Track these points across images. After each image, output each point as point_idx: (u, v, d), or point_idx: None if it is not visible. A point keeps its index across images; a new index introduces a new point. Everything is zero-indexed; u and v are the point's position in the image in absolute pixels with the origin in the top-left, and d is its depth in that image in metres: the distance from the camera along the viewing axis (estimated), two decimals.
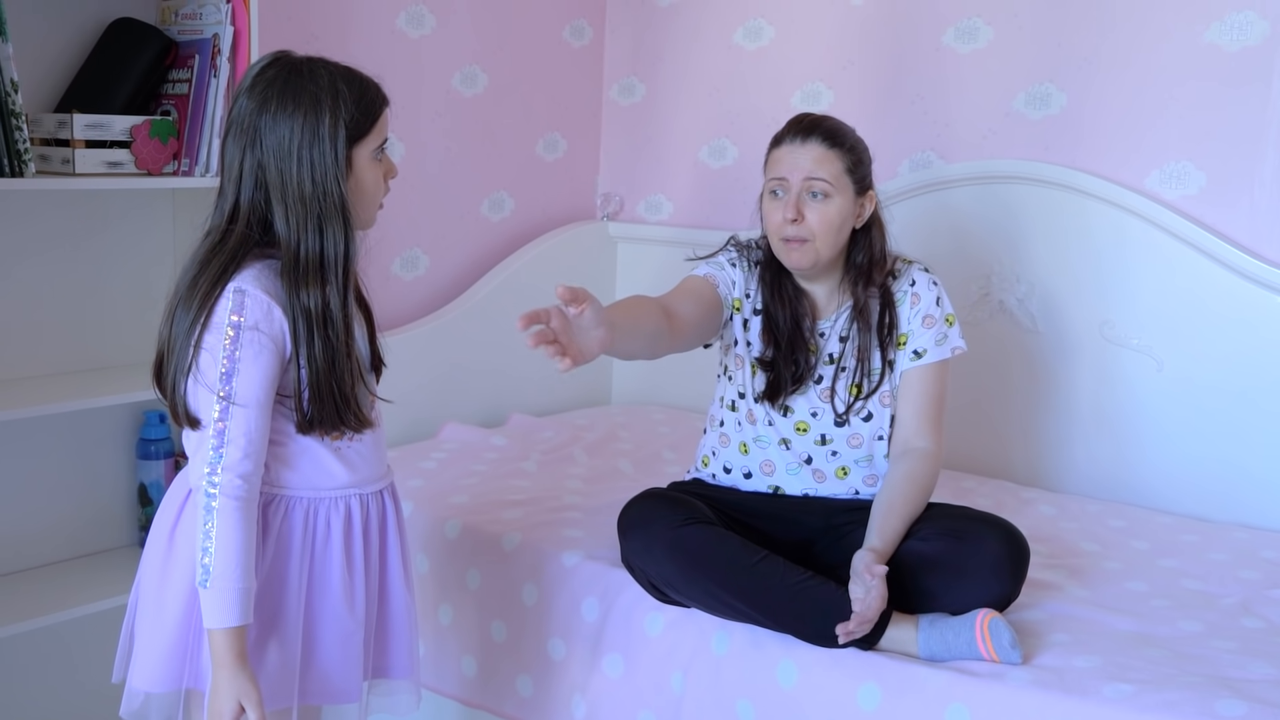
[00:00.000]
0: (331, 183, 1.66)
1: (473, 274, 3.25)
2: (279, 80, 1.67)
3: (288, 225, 1.67)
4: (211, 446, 1.64)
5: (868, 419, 2.23)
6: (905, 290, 2.25)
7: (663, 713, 2.13)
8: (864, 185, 2.21)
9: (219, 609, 1.64)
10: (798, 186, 2.17)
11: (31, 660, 2.51)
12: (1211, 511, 2.68)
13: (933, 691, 1.89)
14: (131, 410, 2.58)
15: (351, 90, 1.69)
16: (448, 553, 2.43)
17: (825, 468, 2.25)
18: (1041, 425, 2.90)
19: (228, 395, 1.64)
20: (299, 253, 1.66)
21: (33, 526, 2.48)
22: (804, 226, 2.16)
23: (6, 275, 2.39)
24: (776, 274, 2.26)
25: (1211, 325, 2.67)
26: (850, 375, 2.23)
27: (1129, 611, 2.12)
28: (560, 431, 3.07)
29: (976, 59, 2.94)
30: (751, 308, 2.28)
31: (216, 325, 1.65)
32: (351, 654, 1.79)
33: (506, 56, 3.24)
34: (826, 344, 2.25)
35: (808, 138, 2.18)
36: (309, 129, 1.65)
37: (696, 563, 2.06)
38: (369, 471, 1.81)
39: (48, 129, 2.30)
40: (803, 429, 2.24)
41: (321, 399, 1.69)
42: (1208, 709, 1.75)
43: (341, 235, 1.68)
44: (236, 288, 1.65)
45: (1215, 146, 2.67)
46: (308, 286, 1.66)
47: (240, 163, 1.68)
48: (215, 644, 1.65)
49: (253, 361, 1.65)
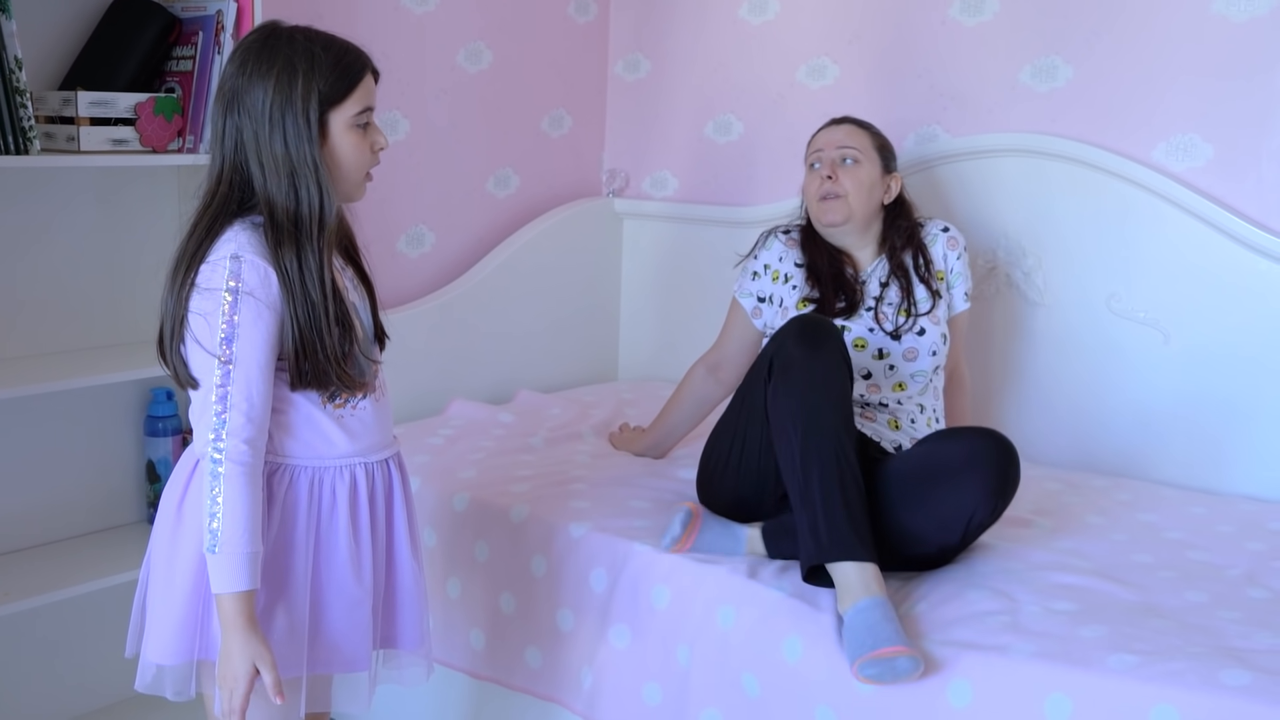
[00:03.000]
0: (304, 145, 1.68)
1: (478, 251, 3.25)
2: (256, 45, 1.70)
3: (265, 185, 1.69)
4: (215, 413, 1.65)
5: (921, 333, 2.44)
6: (936, 234, 2.54)
7: (669, 685, 2.14)
8: (889, 166, 2.53)
9: (228, 574, 1.65)
10: (832, 155, 2.49)
11: (44, 635, 2.53)
12: (1218, 484, 2.68)
13: (934, 669, 1.90)
14: (139, 387, 2.59)
15: (328, 54, 1.71)
16: (456, 526, 2.44)
17: (882, 383, 2.41)
18: (1047, 398, 2.89)
19: (228, 360, 1.65)
20: (275, 212, 1.68)
21: (42, 503, 2.50)
22: (838, 184, 2.46)
23: (13, 254, 2.40)
24: (815, 238, 2.54)
25: (1218, 298, 2.66)
26: (896, 305, 2.45)
27: (1135, 583, 2.12)
28: (567, 408, 3.07)
29: (982, 32, 2.93)
30: (793, 262, 2.52)
31: (211, 290, 1.66)
32: (359, 622, 1.80)
33: (511, 33, 3.24)
34: (868, 287, 2.49)
35: (841, 122, 2.57)
36: (281, 92, 1.67)
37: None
38: (372, 440, 1.82)
39: (52, 107, 2.30)
40: (861, 345, 2.42)
41: (305, 356, 1.70)
42: (1212, 679, 1.75)
43: (316, 196, 1.69)
44: (233, 254, 1.66)
45: (1222, 119, 2.66)
46: (285, 246, 1.68)
47: (223, 126, 1.71)
48: (225, 609, 1.66)
49: (252, 326, 1.66)
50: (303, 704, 1.77)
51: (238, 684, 1.66)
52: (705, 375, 2.61)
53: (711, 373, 2.61)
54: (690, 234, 3.36)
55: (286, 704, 1.73)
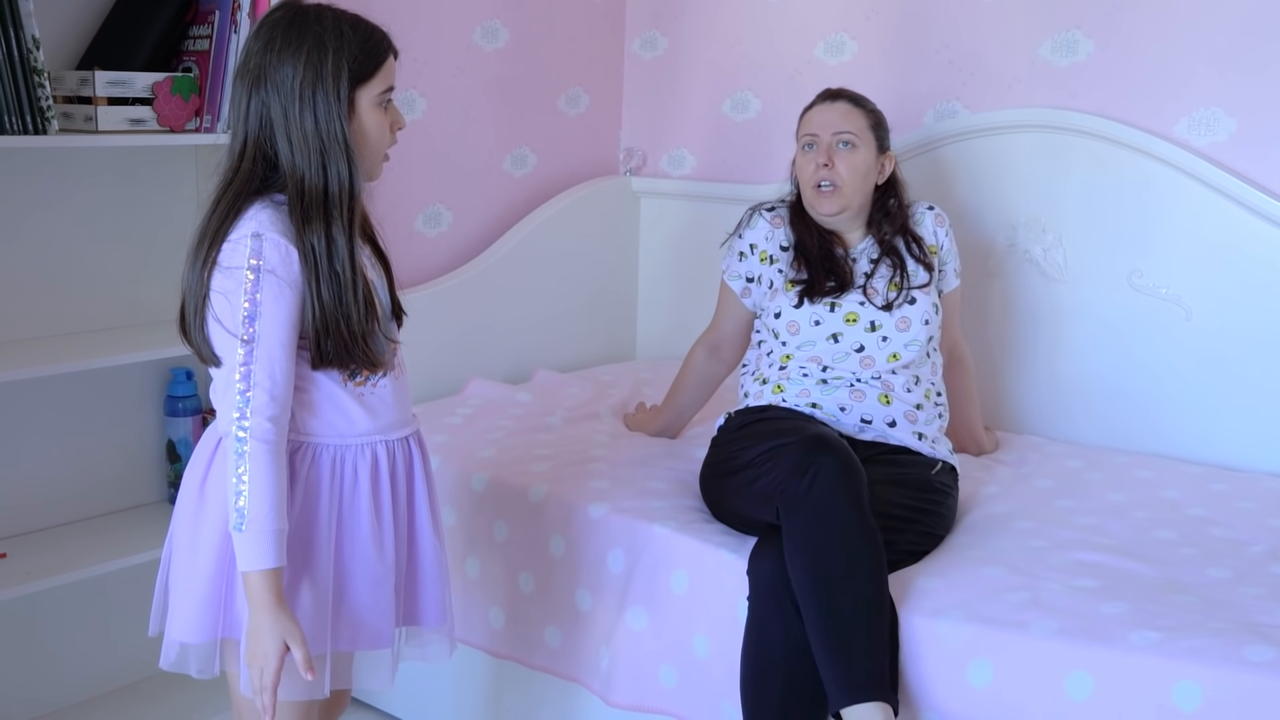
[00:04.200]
0: (334, 121, 1.68)
1: (496, 230, 3.25)
2: (284, 21, 1.70)
3: (292, 162, 1.68)
4: (238, 391, 1.65)
5: (913, 303, 2.41)
6: (923, 213, 2.52)
7: (685, 668, 2.14)
8: (883, 145, 2.48)
9: (255, 551, 1.65)
10: (828, 139, 2.43)
11: (65, 614, 2.55)
12: (1240, 460, 2.66)
13: (955, 648, 1.89)
14: (159, 367, 2.60)
15: (356, 33, 1.71)
16: (474, 505, 2.45)
17: (876, 355, 2.37)
18: (1068, 376, 2.88)
19: (250, 339, 1.65)
20: (304, 189, 1.68)
21: (63, 483, 2.51)
22: (834, 172, 2.41)
23: (31, 234, 2.40)
24: (803, 217, 2.49)
25: (1241, 273, 2.64)
26: (888, 279, 2.43)
27: (1156, 559, 2.11)
28: (585, 387, 3.07)
29: (1002, 6, 2.90)
30: (779, 244, 2.49)
31: (232, 269, 1.66)
32: (383, 599, 1.80)
33: (527, 11, 3.22)
34: (858, 265, 2.46)
35: (836, 99, 2.48)
36: (311, 68, 1.67)
37: None
38: (392, 418, 1.82)
39: (70, 86, 2.30)
40: (852, 319, 2.39)
41: (329, 335, 1.70)
42: (1235, 655, 1.74)
43: (346, 172, 1.69)
44: (254, 232, 1.66)
45: (1245, 92, 2.63)
46: (312, 223, 1.67)
47: (246, 103, 1.70)
48: (253, 587, 1.66)
49: (274, 304, 1.65)
50: (328, 681, 1.77)
51: (268, 661, 1.66)
52: (707, 356, 2.62)
53: (712, 353, 2.61)
54: (708, 212, 3.35)
55: (313, 681, 1.72)
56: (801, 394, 2.36)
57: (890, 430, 2.33)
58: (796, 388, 2.37)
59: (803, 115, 2.51)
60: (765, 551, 2.04)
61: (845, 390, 2.35)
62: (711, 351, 2.62)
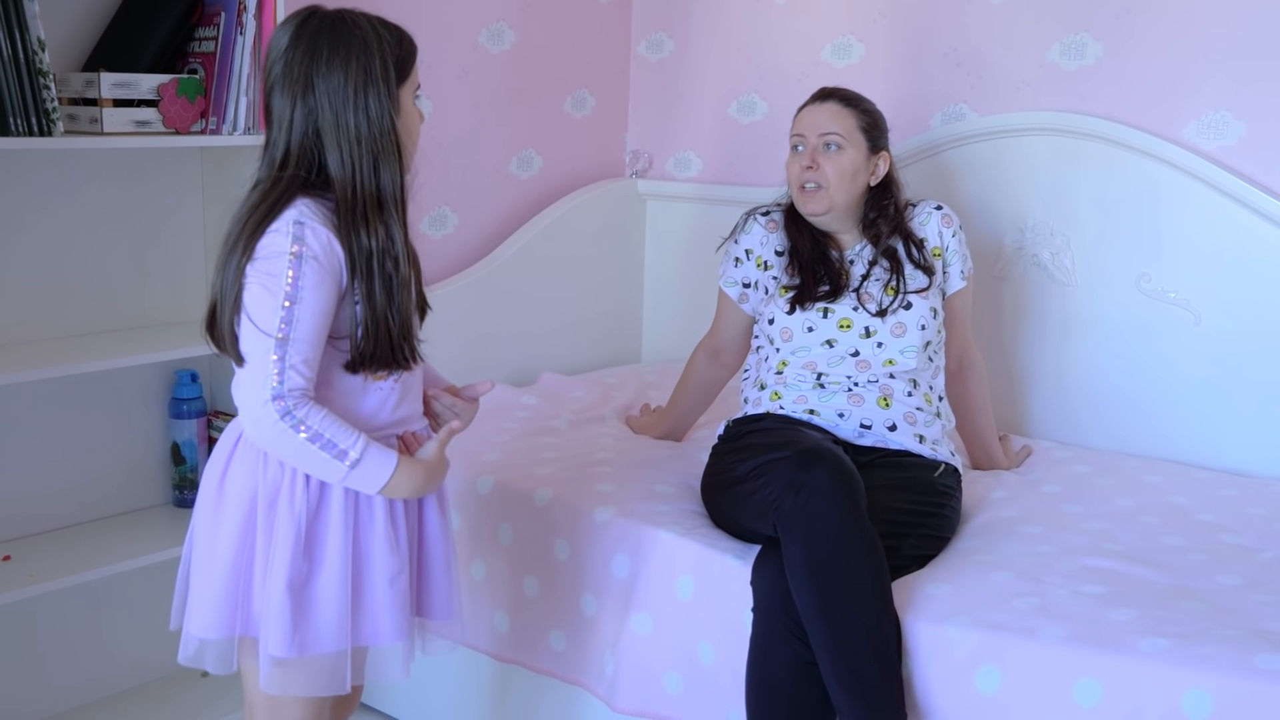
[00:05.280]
0: (386, 121, 1.72)
1: (502, 232, 3.24)
2: (324, 29, 1.72)
3: (343, 166, 1.71)
4: (274, 370, 1.66)
5: (908, 308, 2.37)
6: (930, 212, 2.48)
7: (690, 675, 2.13)
8: (877, 145, 2.44)
9: (375, 471, 1.72)
10: (814, 141, 2.42)
11: (70, 617, 2.54)
12: (1250, 466, 2.65)
13: (962, 654, 1.88)
14: (163, 369, 2.59)
15: (390, 34, 1.76)
16: (480, 508, 2.44)
17: (872, 359, 2.34)
18: (1076, 380, 2.86)
19: (288, 319, 1.66)
20: (357, 191, 1.70)
21: (68, 486, 2.50)
22: (819, 173, 2.40)
23: (37, 235, 2.40)
24: (797, 220, 2.48)
25: (1250, 278, 2.63)
26: (883, 283, 2.39)
27: (1166, 565, 2.10)
28: (590, 390, 3.06)
29: (1010, 8, 2.89)
30: (773, 249, 2.48)
31: (273, 256, 1.67)
32: (399, 594, 1.81)
33: (534, 12, 3.22)
34: (853, 269, 2.43)
35: (826, 100, 2.45)
36: (362, 71, 1.71)
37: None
38: (409, 410, 1.84)
39: (75, 88, 2.29)
40: (846, 325, 2.36)
41: (378, 336, 1.71)
42: (1245, 662, 1.73)
43: (397, 172, 1.74)
44: (296, 219, 1.67)
45: (1254, 95, 2.62)
46: (368, 224, 1.70)
47: (291, 112, 1.71)
48: (401, 490, 1.76)
49: (315, 290, 1.67)
50: (348, 675, 1.78)
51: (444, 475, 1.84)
52: (708, 361, 2.61)
53: (713, 358, 2.61)
54: (714, 215, 3.34)
55: (333, 677, 1.76)
56: (799, 400, 2.35)
57: (890, 434, 2.32)
58: (794, 394, 2.36)
59: (796, 115, 2.49)
60: (768, 561, 2.02)
61: (843, 395, 2.34)
62: (712, 356, 2.61)
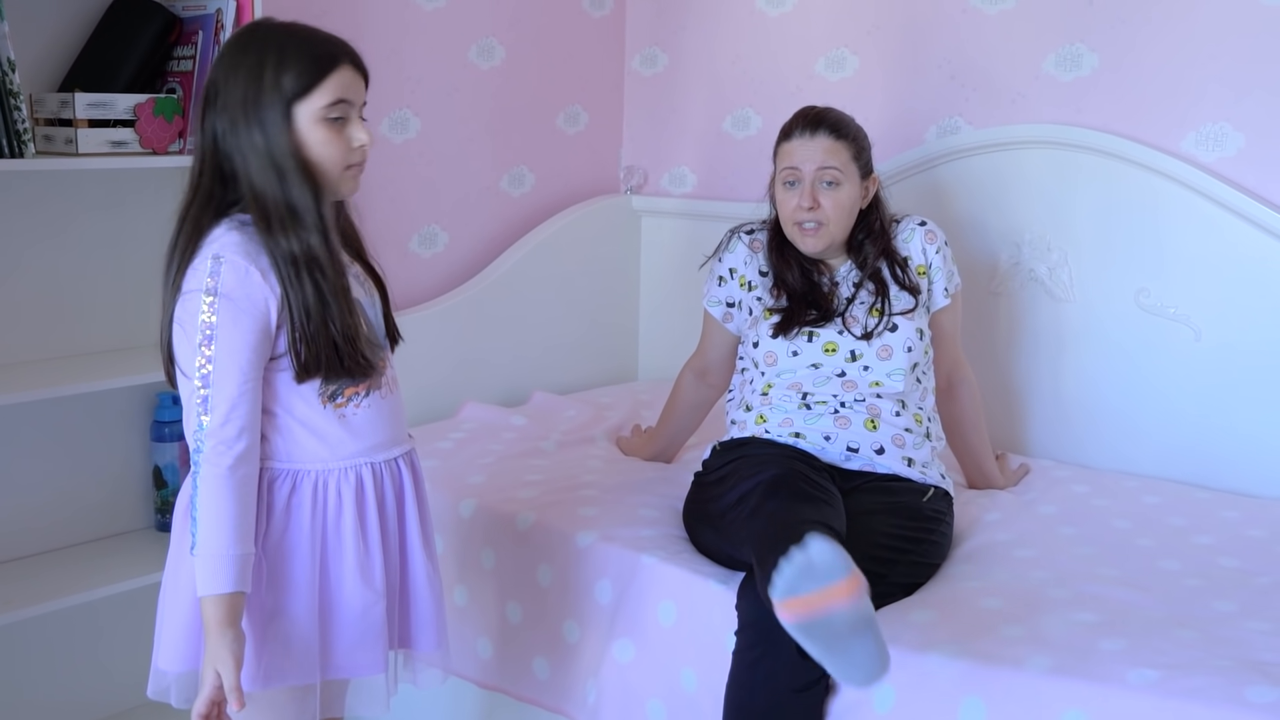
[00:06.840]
0: (280, 137, 1.66)
1: (493, 250, 3.20)
2: (234, 40, 1.71)
3: (250, 180, 1.67)
4: (195, 414, 1.64)
5: (894, 329, 2.32)
6: (913, 229, 2.41)
7: (673, 703, 2.08)
8: (867, 170, 2.37)
9: (207, 576, 1.63)
10: (811, 176, 2.31)
11: (50, 643, 2.51)
12: (1251, 486, 2.58)
13: (946, 685, 1.82)
14: (144, 392, 2.56)
15: (300, 47, 1.69)
16: (463, 533, 2.40)
17: (859, 380, 2.30)
18: (1074, 397, 2.81)
19: (207, 362, 1.63)
20: (266, 204, 1.66)
21: (48, 510, 2.48)
22: (820, 212, 2.30)
23: (14, 258, 2.38)
24: (783, 247, 2.40)
25: (1251, 292, 2.57)
26: (868, 305, 2.34)
27: (1161, 591, 2.04)
28: (582, 410, 3.02)
29: (1005, 20, 2.84)
30: (757, 269, 2.42)
31: (190, 292, 1.65)
32: (373, 626, 1.77)
33: (524, 28, 3.18)
34: (840, 291, 2.37)
35: (816, 131, 2.33)
36: (254, 84, 1.66)
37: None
38: (379, 438, 1.78)
39: (50, 109, 2.27)
40: (831, 349, 2.31)
41: (315, 341, 1.67)
42: (1236, 695, 1.67)
43: (305, 187, 1.67)
44: (214, 254, 1.65)
45: (1254, 106, 2.56)
46: (285, 233, 1.66)
47: (201, 121, 1.70)
48: (205, 612, 1.64)
49: (230, 328, 1.63)
50: (316, 710, 1.75)
51: (202, 688, 1.64)
52: (695, 382, 2.57)
53: (700, 378, 2.56)
54: (709, 230, 3.27)
55: (300, 711, 1.73)
56: (784, 422, 2.30)
57: (878, 458, 2.27)
58: (779, 416, 2.31)
59: (781, 143, 2.38)
60: (754, 584, 1.98)
61: (829, 417, 2.29)
62: (699, 376, 2.57)
